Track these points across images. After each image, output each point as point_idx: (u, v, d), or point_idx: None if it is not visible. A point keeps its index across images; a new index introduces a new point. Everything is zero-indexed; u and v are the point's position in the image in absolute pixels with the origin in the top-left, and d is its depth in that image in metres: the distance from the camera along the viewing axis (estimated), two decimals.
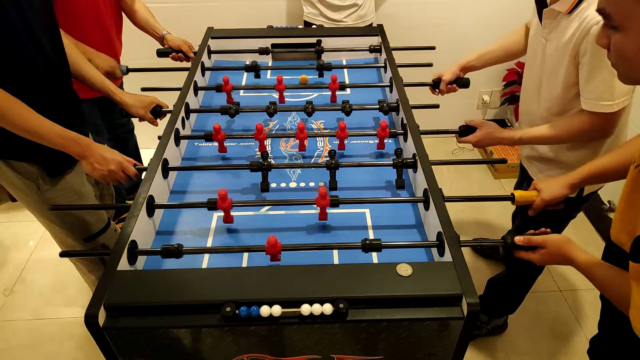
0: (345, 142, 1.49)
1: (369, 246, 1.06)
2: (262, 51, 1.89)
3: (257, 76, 1.78)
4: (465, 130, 1.47)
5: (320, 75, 1.80)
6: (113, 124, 2.17)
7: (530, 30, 1.50)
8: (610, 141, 1.40)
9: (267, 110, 1.52)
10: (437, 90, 1.75)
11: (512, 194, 1.22)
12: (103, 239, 1.55)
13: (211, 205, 1.16)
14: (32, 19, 1.22)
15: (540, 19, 1.37)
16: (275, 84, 1.62)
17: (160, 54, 1.95)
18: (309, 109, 1.52)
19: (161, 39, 1.95)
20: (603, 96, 1.23)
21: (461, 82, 1.72)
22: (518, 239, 1.07)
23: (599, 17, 1.16)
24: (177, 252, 1.05)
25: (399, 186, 1.31)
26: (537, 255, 1.05)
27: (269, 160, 1.30)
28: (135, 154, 2.36)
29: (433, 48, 1.93)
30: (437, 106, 1.62)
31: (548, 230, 1.10)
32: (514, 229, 1.90)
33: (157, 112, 1.54)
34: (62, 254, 1.25)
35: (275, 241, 1.03)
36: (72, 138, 1.25)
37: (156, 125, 1.57)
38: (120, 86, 2.10)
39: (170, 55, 1.94)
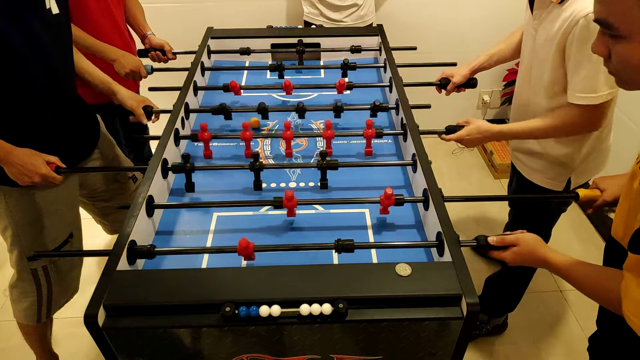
0: (336, 142, 1.50)
1: (341, 247, 1.05)
2: (243, 51, 1.90)
3: (281, 76, 1.76)
4: (453, 130, 1.45)
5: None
6: (130, 130, 2.16)
7: (524, 23, 1.50)
8: (597, 134, 1.41)
9: (258, 110, 1.54)
10: (443, 90, 1.73)
11: (577, 192, 1.23)
12: (47, 261, 1.49)
13: (277, 204, 1.16)
14: (39, 38, 1.22)
15: (532, 10, 1.37)
16: (283, 85, 1.62)
17: (140, 52, 1.95)
18: (300, 110, 1.54)
19: (144, 38, 1.95)
20: (587, 89, 1.24)
21: (469, 84, 1.70)
22: (491, 239, 1.06)
23: (587, 10, 1.17)
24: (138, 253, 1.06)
25: (322, 187, 1.32)
26: (508, 253, 1.03)
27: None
28: (148, 160, 2.35)
29: (414, 48, 1.93)
30: (428, 106, 1.60)
31: (524, 231, 1.08)
32: (507, 226, 1.90)
33: (149, 112, 1.56)
34: (29, 258, 1.42)
35: (247, 242, 1.03)
36: None
37: (145, 122, 1.59)
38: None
39: (150, 54, 1.93)
